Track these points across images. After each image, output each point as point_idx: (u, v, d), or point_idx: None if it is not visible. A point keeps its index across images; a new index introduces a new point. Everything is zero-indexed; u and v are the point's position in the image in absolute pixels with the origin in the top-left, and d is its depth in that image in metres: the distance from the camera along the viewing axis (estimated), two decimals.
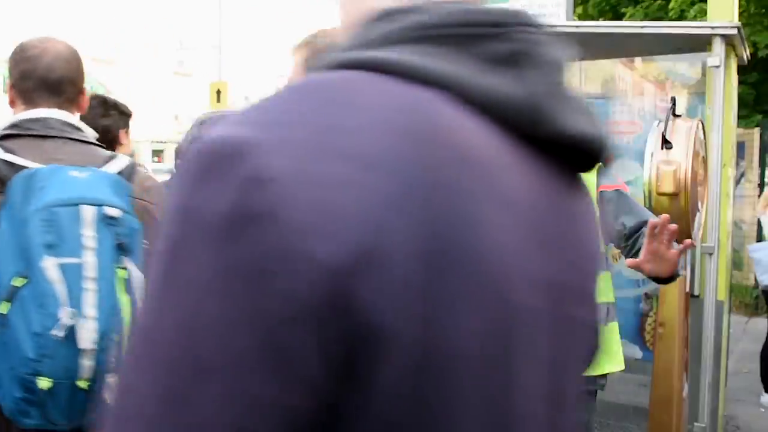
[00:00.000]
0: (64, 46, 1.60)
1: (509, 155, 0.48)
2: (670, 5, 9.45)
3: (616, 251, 2.45)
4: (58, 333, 1.25)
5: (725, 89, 3.28)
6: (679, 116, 2.95)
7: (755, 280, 6.03)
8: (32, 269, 1.27)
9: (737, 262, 7.22)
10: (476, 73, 0.47)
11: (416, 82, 0.46)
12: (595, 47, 4.02)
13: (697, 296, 3.39)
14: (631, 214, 2.25)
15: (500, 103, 0.47)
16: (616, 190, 2.28)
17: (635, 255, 2.20)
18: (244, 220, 0.39)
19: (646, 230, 2.07)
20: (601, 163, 0.55)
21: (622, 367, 2.34)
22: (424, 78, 0.46)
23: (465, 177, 0.44)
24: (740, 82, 4.72)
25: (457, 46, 0.47)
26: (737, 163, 6.24)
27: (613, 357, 2.31)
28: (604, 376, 2.32)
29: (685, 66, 3.82)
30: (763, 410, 4.90)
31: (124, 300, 1.34)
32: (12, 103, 1.56)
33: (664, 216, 2.03)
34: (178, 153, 2.34)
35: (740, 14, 5.34)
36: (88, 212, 1.33)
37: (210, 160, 0.41)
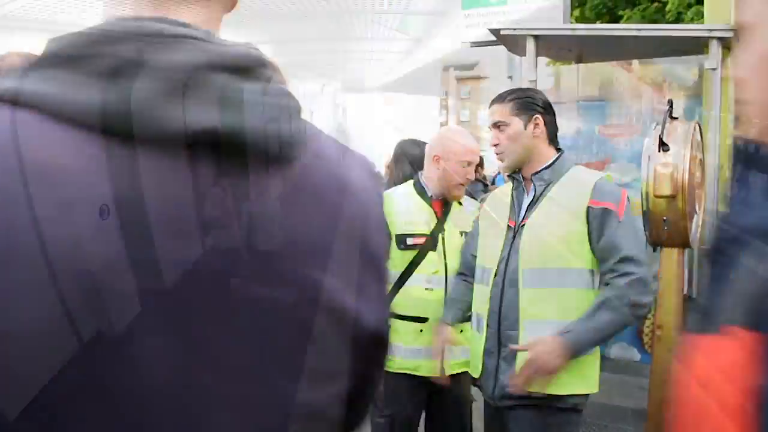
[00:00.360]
0: (21, 60, 1.65)
1: (103, 159, 0.55)
2: (667, 8, 9.47)
3: None
4: None
5: (722, 91, 3.28)
6: (676, 118, 2.95)
7: None
8: None
9: None
10: (70, 91, 0.54)
11: (18, 105, 0.54)
12: (592, 50, 4.03)
13: (695, 298, 3.39)
14: (607, 240, 2.12)
15: (87, 114, 0.54)
16: (604, 208, 2.12)
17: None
18: None
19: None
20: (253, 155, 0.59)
21: (594, 390, 2.21)
22: (22, 101, 0.54)
23: (24, 184, 0.52)
24: None
25: (70, 68, 0.55)
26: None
27: (584, 379, 2.18)
28: (585, 396, 2.20)
29: (682, 68, 3.83)
30: None
31: None
32: None
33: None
34: None
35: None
36: None
37: None
